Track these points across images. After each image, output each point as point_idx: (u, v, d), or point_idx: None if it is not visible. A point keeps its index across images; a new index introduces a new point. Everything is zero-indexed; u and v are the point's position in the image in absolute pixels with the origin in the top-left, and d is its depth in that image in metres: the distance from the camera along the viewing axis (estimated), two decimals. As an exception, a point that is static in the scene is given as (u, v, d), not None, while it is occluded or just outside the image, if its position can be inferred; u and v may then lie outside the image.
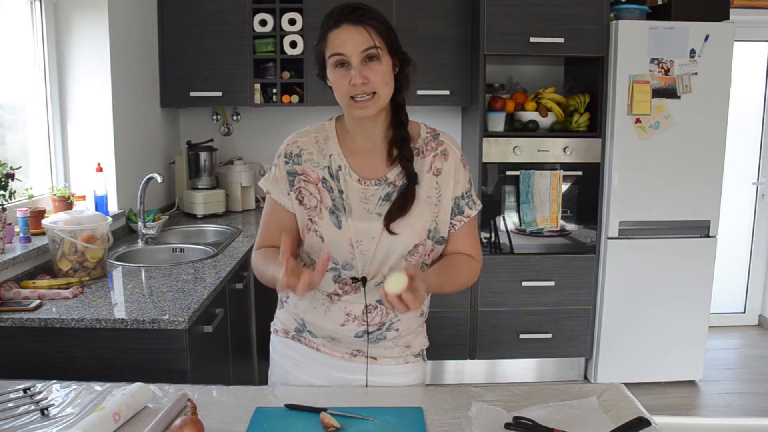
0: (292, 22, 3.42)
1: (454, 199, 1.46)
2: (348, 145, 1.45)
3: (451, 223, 1.47)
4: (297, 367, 1.53)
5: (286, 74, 3.49)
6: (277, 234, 1.45)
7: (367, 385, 1.50)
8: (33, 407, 1.34)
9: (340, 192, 1.41)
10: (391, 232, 1.39)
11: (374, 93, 1.33)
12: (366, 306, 1.44)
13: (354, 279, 1.43)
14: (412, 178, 1.41)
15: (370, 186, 1.42)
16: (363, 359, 1.50)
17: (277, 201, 1.46)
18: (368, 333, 1.47)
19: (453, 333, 3.45)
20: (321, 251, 1.43)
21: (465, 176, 1.47)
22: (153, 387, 1.41)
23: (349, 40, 1.31)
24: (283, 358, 1.57)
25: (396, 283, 1.24)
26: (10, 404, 1.35)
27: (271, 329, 1.61)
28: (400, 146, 1.42)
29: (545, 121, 3.40)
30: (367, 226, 1.40)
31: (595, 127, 3.37)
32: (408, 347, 1.53)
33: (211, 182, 3.57)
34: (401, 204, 1.39)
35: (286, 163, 1.45)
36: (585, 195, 3.42)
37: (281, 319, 1.58)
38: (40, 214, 2.38)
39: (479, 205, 1.50)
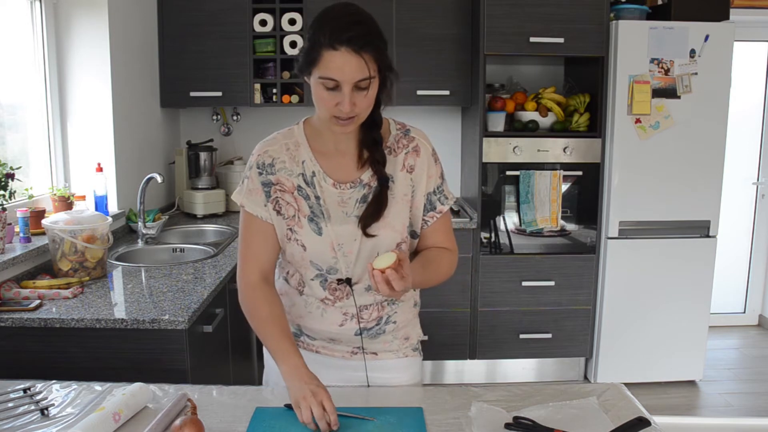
0: (292, 22, 3.42)
1: (426, 195, 1.45)
2: (319, 148, 1.42)
3: (423, 219, 1.47)
4: None
5: (286, 74, 3.49)
6: (262, 253, 1.44)
7: (368, 383, 1.50)
8: (33, 407, 1.34)
9: (317, 198, 1.40)
10: (368, 236, 1.38)
11: (356, 115, 1.31)
12: (358, 307, 1.45)
13: (339, 280, 1.43)
14: (383, 182, 1.40)
15: (346, 189, 1.40)
16: (363, 356, 1.50)
17: (253, 214, 1.43)
18: (367, 329, 1.47)
19: (453, 333, 3.45)
20: (303, 260, 1.43)
21: (436, 171, 1.46)
22: (153, 387, 1.41)
23: (346, 67, 1.24)
24: None
25: (383, 260, 1.24)
26: (10, 404, 1.35)
27: None
28: (372, 149, 1.40)
29: (545, 121, 3.40)
30: (346, 229, 1.40)
31: (595, 127, 3.37)
32: (406, 339, 1.54)
33: (211, 182, 3.57)
34: (375, 209, 1.39)
35: (260, 174, 1.42)
36: (585, 195, 3.41)
37: None
38: (40, 214, 2.38)
39: (451, 200, 1.49)
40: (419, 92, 3.43)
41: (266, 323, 1.39)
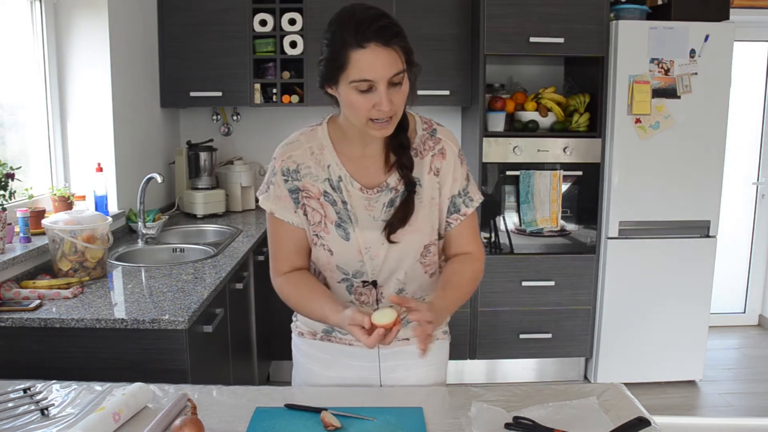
0: (292, 22, 3.42)
1: (450, 197, 1.42)
2: (345, 151, 1.38)
3: (447, 221, 1.43)
4: (325, 366, 1.51)
5: (286, 74, 3.49)
6: (294, 254, 1.42)
7: (381, 386, 1.49)
8: (33, 407, 1.34)
9: (344, 203, 1.37)
10: (390, 242, 1.36)
11: (395, 114, 1.27)
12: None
13: (365, 282, 1.41)
14: (410, 187, 1.37)
15: (373, 194, 1.37)
16: (396, 343, 1.47)
17: (284, 220, 1.40)
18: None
19: (453, 333, 3.41)
20: (329, 264, 1.41)
21: (462, 173, 1.43)
22: (153, 387, 1.41)
23: (378, 64, 1.19)
24: (308, 359, 1.55)
25: (384, 317, 1.21)
26: (10, 404, 1.35)
27: (294, 331, 1.59)
28: (399, 153, 1.36)
29: (545, 121, 3.40)
30: (374, 233, 1.37)
31: (595, 127, 3.37)
32: None
33: (211, 182, 3.57)
34: (403, 215, 1.36)
35: (285, 181, 1.38)
36: (585, 195, 3.41)
37: (306, 323, 1.54)
38: (40, 214, 2.38)
39: (477, 200, 1.45)
40: (419, 92, 3.41)
41: (299, 307, 1.41)
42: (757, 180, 4.36)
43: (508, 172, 3.35)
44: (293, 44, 3.44)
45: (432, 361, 1.55)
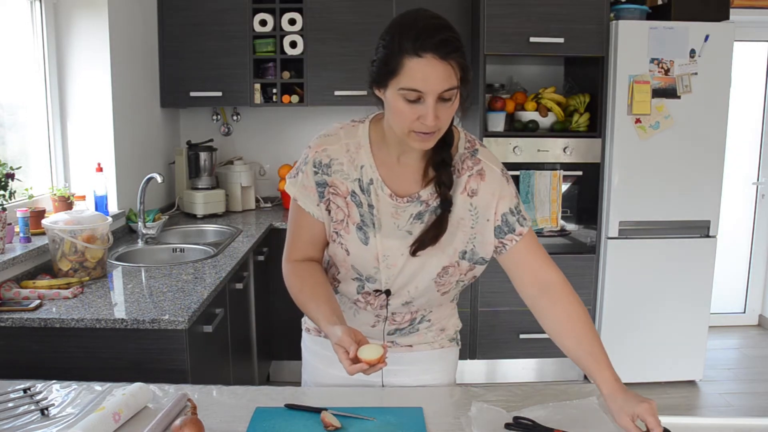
0: (292, 22, 3.42)
1: (501, 216, 1.36)
2: (381, 156, 1.33)
3: (501, 242, 1.37)
4: (328, 364, 1.50)
5: (286, 74, 3.49)
6: (308, 245, 1.40)
7: (384, 386, 1.49)
8: (33, 407, 1.34)
9: (370, 206, 1.33)
10: (413, 255, 1.34)
11: (439, 129, 1.22)
12: (392, 313, 1.43)
13: (377, 291, 1.40)
14: (446, 206, 1.31)
15: (402, 203, 1.33)
16: (398, 348, 1.48)
17: (306, 210, 1.37)
18: (400, 330, 1.46)
19: (453, 333, 3.45)
20: (345, 262, 1.38)
21: (510, 191, 1.37)
22: (153, 387, 1.41)
23: (432, 77, 1.14)
24: (314, 356, 1.55)
25: (371, 352, 1.19)
26: (10, 404, 1.35)
27: (303, 327, 1.59)
28: (440, 170, 1.31)
29: (545, 121, 3.40)
30: (395, 243, 1.34)
31: (595, 127, 3.37)
32: (443, 330, 1.53)
33: (211, 182, 3.57)
34: (434, 234, 1.32)
35: (315, 173, 1.34)
36: (585, 195, 3.41)
37: None
38: (40, 214, 2.38)
39: (529, 220, 1.40)
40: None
41: (298, 300, 1.37)
42: (757, 180, 4.36)
43: (508, 172, 3.34)
44: (293, 44, 3.44)
45: (440, 368, 1.55)
